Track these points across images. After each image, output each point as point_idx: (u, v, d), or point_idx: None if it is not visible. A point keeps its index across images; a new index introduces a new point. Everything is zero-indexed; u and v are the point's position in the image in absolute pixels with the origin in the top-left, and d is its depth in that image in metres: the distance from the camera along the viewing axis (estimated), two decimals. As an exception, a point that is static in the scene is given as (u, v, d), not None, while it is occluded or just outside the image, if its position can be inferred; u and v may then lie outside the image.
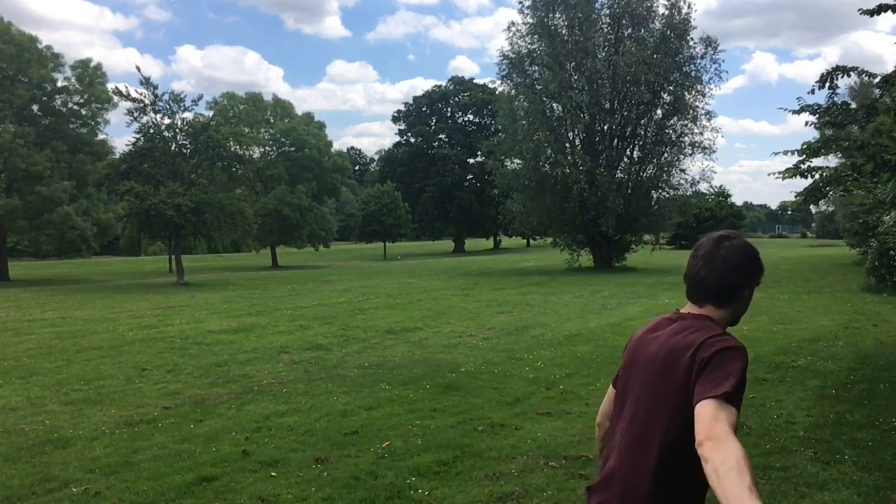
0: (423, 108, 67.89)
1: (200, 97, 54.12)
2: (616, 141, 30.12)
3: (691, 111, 29.07)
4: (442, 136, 67.15)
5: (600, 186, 27.74)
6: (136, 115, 27.04)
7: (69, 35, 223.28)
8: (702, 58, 29.23)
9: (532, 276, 26.25)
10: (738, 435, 1.82)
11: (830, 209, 47.39)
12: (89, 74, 34.46)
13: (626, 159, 30.61)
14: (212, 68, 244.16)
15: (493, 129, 57.45)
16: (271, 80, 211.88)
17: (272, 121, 48.11)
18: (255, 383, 7.92)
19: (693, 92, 29.11)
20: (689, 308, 1.96)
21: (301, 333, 11.89)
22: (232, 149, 30.85)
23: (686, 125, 29.46)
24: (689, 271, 1.93)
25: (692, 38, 28.89)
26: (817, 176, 8.65)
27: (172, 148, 27.87)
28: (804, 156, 8.51)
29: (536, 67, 29.24)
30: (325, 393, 7.35)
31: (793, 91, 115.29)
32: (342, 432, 5.83)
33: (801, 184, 8.84)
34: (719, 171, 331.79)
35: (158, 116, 27.33)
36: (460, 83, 68.38)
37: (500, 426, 5.94)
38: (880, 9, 8.28)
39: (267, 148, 46.50)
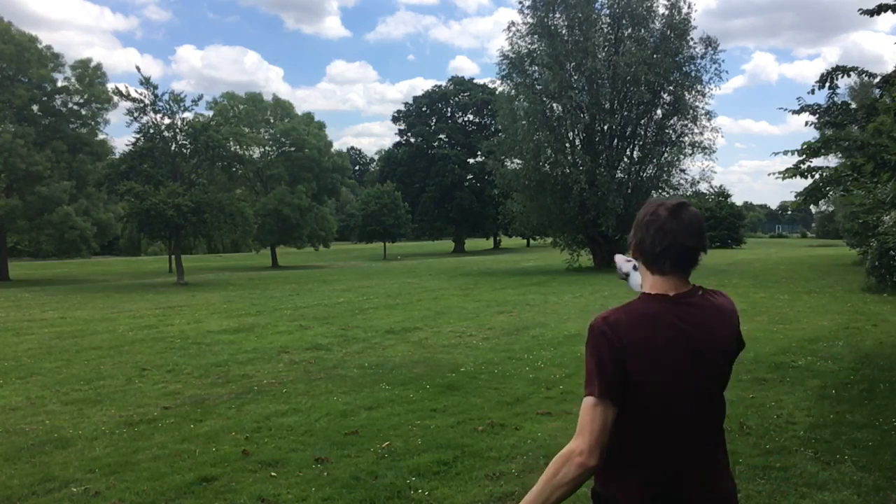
0: (423, 108, 67.87)
1: (200, 97, 54.20)
2: (616, 141, 30.12)
3: (691, 111, 29.07)
4: (442, 136, 67.13)
5: (600, 186, 27.73)
6: (136, 115, 27.10)
7: (69, 35, 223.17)
8: (702, 58, 29.24)
9: (532, 276, 26.25)
10: (739, 435, 1.85)
11: (830, 209, 47.42)
12: (89, 74, 34.48)
13: (626, 159, 30.61)
14: (212, 68, 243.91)
15: (493, 129, 57.46)
16: (271, 80, 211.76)
17: (272, 121, 48.12)
18: (255, 383, 7.92)
19: (693, 92, 29.10)
20: (664, 285, 1.85)
21: (301, 333, 11.90)
22: (232, 149, 30.88)
23: (686, 125, 29.47)
24: (669, 242, 1.81)
25: (692, 38, 28.89)
26: (817, 176, 8.64)
27: (172, 148, 27.90)
28: (804, 156, 8.50)
29: (536, 67, 29.23)
30: (325, 393, 7.35)
31: (793, 91, 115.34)
32: (342, 432, 5.83)
33: (801, 184, 8.83)
34: (719, 171, 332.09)
35: (158, 116, 27.39)
36: (460, 83, 68.35)
37: (500, 426, 5.94)
38: (880, 9, 8.28)
39: (267, 148, 46.50)
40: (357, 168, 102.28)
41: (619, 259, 2.27)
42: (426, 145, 66.46)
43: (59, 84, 34.47)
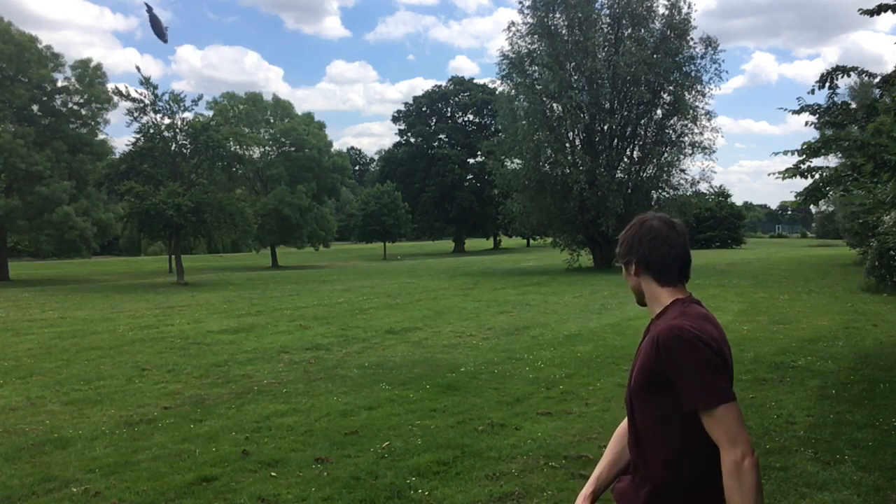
0: (423, 108, 67.88)
1: (200, 97, 54.14)
2: (616, 141, 30.12)
3: (691, 111, 29.06)
4: (442, 136, 67.13)
5: (600, 186, 27.74)
6: (136, 115, 27.07)
7: (69, 35, 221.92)
8: (702, 58, 29.25)
9: (532, 276, 26.25)
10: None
11: (830, 209, 47.34)
12: (89, 74, 34.46)
13: (626, 159, 30.62)
14: (212, 68, 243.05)
15: (493, 129, 57.50)
16: (271, 80, 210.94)
17: (272, 121, 48.11)
18: (255, 383, 7.92)
19: (693, 92, 29.11)
20: (681, 293, 1.92)
21: (301, 333, 11.89)
22: (232, 149, 30.86)
23: (686, 125, 29.46)
24: (677, 252, 1.91)
25: (692, 38, 28.90)
26: (817, 176, 8.64)
27: (172, 148, 27.88)
28: (804, 156, 8.50)
29: (536, 67, 29.24)
30: (325, 393, 7.35)
31: (793, 91, 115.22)
32: (342, 432, 5.83)
33: (801, 184, 8.84)
34: (719, 171, 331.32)
35: (158, 116, 27.36)
36: (460, 83, 68.37)
37: (500, 426, 5.94)
38: (880, 9, 8.28)
39: (267, 148, 46.49)
40: (357, 168, 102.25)
41: None
42: (426, 145, 66.46)
43: (59, 84, 34.47)
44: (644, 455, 1.88)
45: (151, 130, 27.28)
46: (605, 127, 29.76)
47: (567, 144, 29.67)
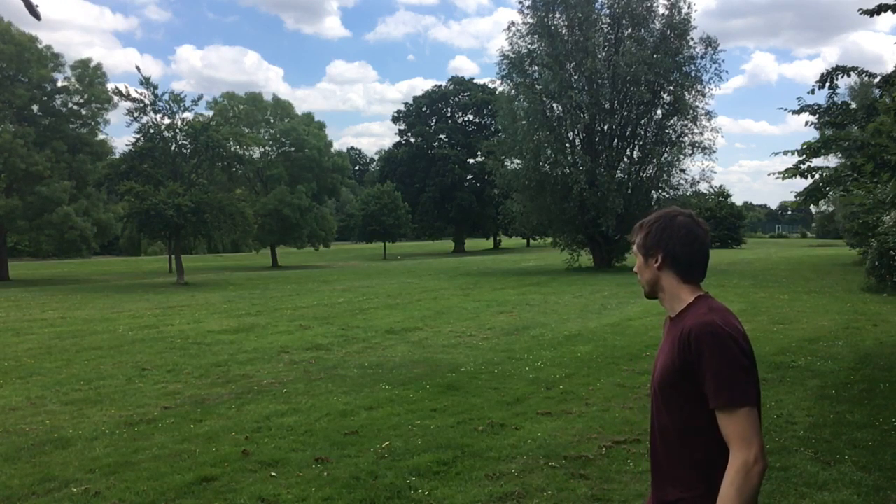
0: (423, 108, 67.82)
1: (200, 97, 53.99)
2: (616, 141, 30.11)
3: (691, 111, 29.05)
4: (442, 136, 67.08)
5: (600, 186, 27.73)
6: (136, 115, 27.06)
7: (69, 35, 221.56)
8: (702, 58, 29.22)
9: (532, 276, 26.24)
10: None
11: (830, 209, 47.33)
12: (89, 74, 34.45)
13: (626, 159, 30.60)
14: (211, 68, 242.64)
15: (493, 129, 57.50)
16: (271, 80, 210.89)
17: (272, 121, 48.06)
18: (255, 383, 7.92)
19: (693, 92, 29.09)
20: (699, 290, 1.92)
21: (301, 333, 11.90)
22: (232, 149, 30.83)
23: (686, 125, 29.45)
24: (705, 251, 1.91)
25: (692, 38, 28.88)
26: (817, 176, 8.65)
27: (172, 148, 27.87)
28: (804, 156, 8.51)
29: (536, 67, 29.23)
30: (325, 393, 7.35)
31: (793, 91, 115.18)
32: (342, 432, 5.83)
33: (801, 184, 8.85)
34: (719, 171, 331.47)
35: (158, 116, 27.35)
36: (460, 83, 68.32)
37: (500, 426, 5.94)
38: (880, 9, 8.29)
39: (267, 148, 46.45)
40: (357, 168, 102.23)
41: None
42: (426, 145, 66.41)
43: (59, 84, 34.44)
44: (662, 462, 1.86)
45: (151, 130, 27.27)
46: (605, 127, 29.75)
47: (567, 144, 29.67)
